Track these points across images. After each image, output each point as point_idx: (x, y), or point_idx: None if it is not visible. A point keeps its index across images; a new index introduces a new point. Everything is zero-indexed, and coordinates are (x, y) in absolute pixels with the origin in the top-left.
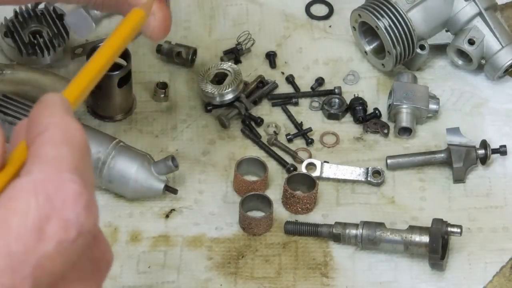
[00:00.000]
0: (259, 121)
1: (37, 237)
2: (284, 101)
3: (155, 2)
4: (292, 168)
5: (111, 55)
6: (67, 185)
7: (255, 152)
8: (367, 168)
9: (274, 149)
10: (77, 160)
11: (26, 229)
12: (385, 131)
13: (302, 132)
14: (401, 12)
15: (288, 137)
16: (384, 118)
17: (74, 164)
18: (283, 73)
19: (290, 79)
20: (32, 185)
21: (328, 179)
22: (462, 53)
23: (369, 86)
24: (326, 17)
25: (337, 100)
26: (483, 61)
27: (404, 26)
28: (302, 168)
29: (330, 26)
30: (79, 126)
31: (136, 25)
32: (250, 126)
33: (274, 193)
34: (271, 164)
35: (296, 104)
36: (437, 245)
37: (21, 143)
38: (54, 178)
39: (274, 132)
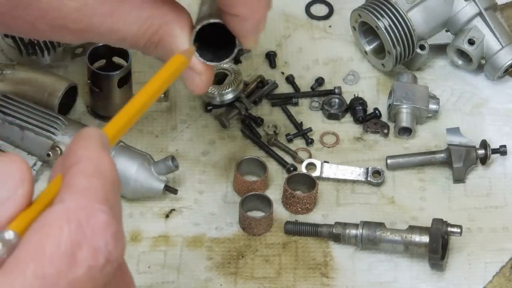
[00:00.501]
0: (259, 121)
1: (69, 261)
2: (284, 101)
3: (204, 64)
4: (292, 168)
5: (151, 96)
6: (97, 214)
7: (255, 152)
8: (367, 168)
9: (274, 149)
10: (107, 193)
11: (58, 254)
12: (385, 131)
13: (302, 132)
14: (401, 12)
15: (288, 137)
16: (384, 118)
17: (104, 196)
18: (283, 73)
19: (290, 79)
20: (65, 213)
21: (328, 179)
22: (462, 53)
23: (369, 86)
24: (326, 17)
25: (337, 100)
26: (483, 61)
27: (404, 26)
28: (302, 168)
29: (330, 26)
30: (112, 162)
31: (177, 70)
32: (250, 126)
33: (274, 193)
34: (271, 164)
35: (296, 104)
36: (437, 245)
37: (58, 176)
38: (85, 207)
39: (274, 132)
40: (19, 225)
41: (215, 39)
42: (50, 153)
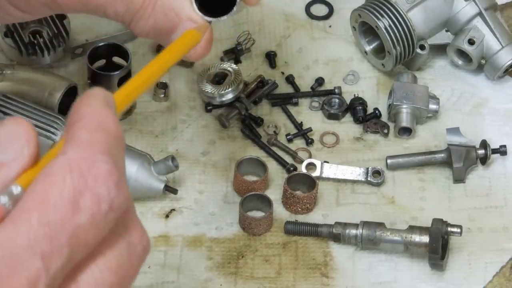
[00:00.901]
0: (259, 121)
1: (72, 209)
2: (284, 101)
3: (207, 23)
4: (292, 168)
5: (161, 66)
6: (99, 164)
7: (255, 152)
8: (367, 168)
9: (274, 149)
10: (109, 145)
11: (62, 201)
12: (385, 131)
13: (302, 132)
14: (401, 12)
15: (288, 137)
16: (384, 118)
17: (106, 148)
18: (283, 73)
19: (290, 79)
20: (67, 163)
21: (328, 179)
22: (462, 53)
23: (369, 86)
24: (326, 17)
25: (337, 100)
26: (483, 61)
27: (404, 26)
28: (302, 168)
29: (330, 26)
30: (116, 119)
31: (189, 45)
32: (250, 126)
33: (274, 193)
34: (271, 164)
35: (296, 104)
36: (437, 245)
37: (63, 137)
38: (87, 157)
39: (274, 132)
40: (24, 180)
41: (216, 5)
42: None
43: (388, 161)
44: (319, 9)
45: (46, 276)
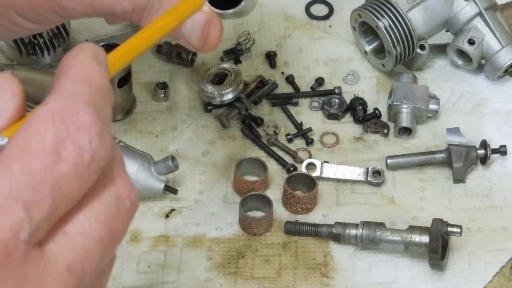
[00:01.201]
0: (259, 121)
1: (54, 158)
2: (284, 101)
3: (214, 14)
4: (292, 168)
5: (160, 28)
6: (81, 114)
7: (255, 152)
8: (367, 168)
9: (274, 149)
10: (93, 97)
11: (44, 150)
12: (385, 131)
13: (302, 132)
14: (401, 12)
15: (288, 137)
16: (384, 118)
17: (91, 99)
18: (283, 73)
19: (290, 79)
20: (49, 112)
21: (328, 179)
22: (462, 53)
23: (369, 86)
24: (326, 17)
25: (337, 100)
26: (483, 61)
27: (404, 26)
28: (302, 168)
29: (330, 26)
30: (103, 73)
31: (189, 10)
32: (250, 126)
33: (274, 193)
34: (271, 164)
35: (296, 104)
36: (437, 245)
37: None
38: (69, 107)
39: (274, 132)
40: (10, 133)
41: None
42: None
43: (388, 161)
44: (319, 9)
45: (29, 225)
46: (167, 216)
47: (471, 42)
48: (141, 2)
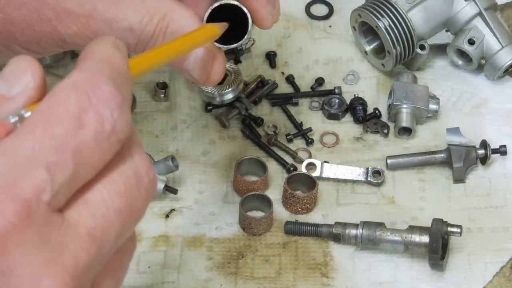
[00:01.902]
0: (259, 121)
1: (77, 124)
2: (284, 101)
3: (218, 51)
4: (292, 168)
5: (173, 49)
6: (103, 86)
7: (255, 152)
8: (367, 168)
9: (274, 149)
10: (114, 75)
11: (66, 116)
12: (385, 131)
13: (302, 132)
14: (401, 12)
15: (288, 137)
16: (384, 118)
17: (112, 76)
18: (283, 73)
19: (290, 79)
20: (72, 83)
21: (328, 179)
22: (462, 53)
23: (369, 86)
24: (326, 17)
25: (337, 100)
26: (483, 61)
27: (404, 26)
28: (302, 168)
29: (330, 26)
30: (124, 59)
31: (207, 36)
32: (250, 126)
33: (274, 193)
34: (271, 164)
35: (296, 104)
36: (437, 245)
37: None
38: (92, 79)
39: (274, 132)
40: (32, 109)
41: (227, 31)
42: None
43: (388, 161)
44: (319, 9)
45: (51, 187)
46: (167, 216)
47: (471, 42)
48: (144, 36)
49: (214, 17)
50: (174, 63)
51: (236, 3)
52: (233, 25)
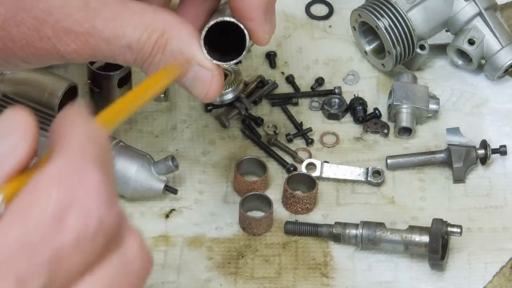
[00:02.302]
0: (259, 121)
1: (56, 227)
2: (284, 101)
3: (217, 71)
4: (292, 168)
5: (135, 99)
6: (90, 175)
7: (255, 152)
8: (367, 168)
9: (274, 149)
10: (99, 155)
11: (45, 217)
12: (385, 131)
13: (302, 132)
14: (401, 12)
15: (288, 137)
16: (384, 118)
17: (97, 158)
18: (283, 73)
19: (290, 79)
20: (56, 173)
21: (328, 179)
22: (462, 53)
23: (369, 86)
24: (326, 17)
25: (337, 100)
26: (483, 61)
27: (404, 26)
28: (302, 168)
29: (330, 26)
30: (100, 127)
31: (174, 73)
32: (250, 126)
33: (274, 193)
34: (271, 164)
35: (296, 104)
36: (437, 245)
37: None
38: (77, 167)
39: (274, 132)
40: (12, 187)
41: (224, 45)
42: None
43: (388, 161)
44: (319, 9)
45: None
46: (167, 216)
47: (471, 42)
48: (143, 54)
49: (211, 33)
50: (174, 81)
51: (233, 20)
52: (231, 40)
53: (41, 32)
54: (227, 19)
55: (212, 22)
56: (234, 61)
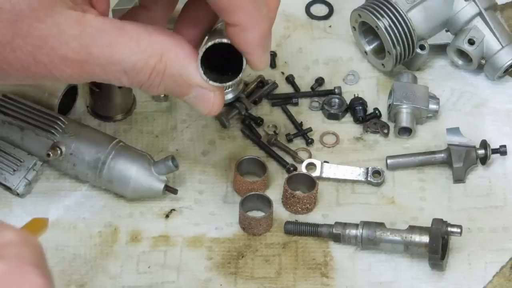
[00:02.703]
0: (259, 121)
1: None
2: (284, 101)
3: (217, 92)
4: (292, 168)
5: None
6: (30, 277)
7: (255, 152)
8: (367, 168)
9: (274, 149)
10: (37, 259)
11: None
12: (385, 131)
13: (302, 132)
14: (401, 12)
15: (288, 137)
16: (384, 118)
17: (35, 261)
18: (283, 73)
19: (290, 79)
20: None
21: (328, 179)
22: (462, 53)
23: (369, 86)
24: (326, 17)
25: (337, 100)
26: (483, 61)
27: (404, 26)
28: (302, 168)
29: (330, 26)
30: (36, 238)
31: (37, 231)
32: (250, 126)
33: (274, 193)
34: (271, 164)
35: (296, 104)
36: (437, 245)
37: None
38: (17, 270)
39: (274, 132)
40: None
41: (220, 60)
42: (50, 153)
43: (388, 161)
44: (319, 9)
45: None
46: (167, 216)
47: (471, 42)
48: (140, 78)
49: (208, 52)
50: (175, 97)
51: (230, 42)
52: (227, 57)
53: (37, 58)
54: (225, 41)
55: (209, 44)
56: (231, 82)
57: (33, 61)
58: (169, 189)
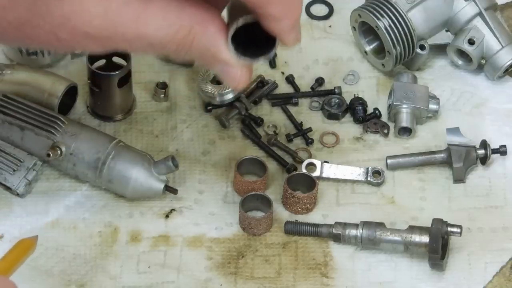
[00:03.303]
0: (259, 121)
1: None
2: (284, 101)
3: (244, 68)
4: (292, 168)
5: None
6: None
7: (255, 152)
8: (367, 168)
9: (274, 149)
10: None
11: None
12: (385, 131)
13: (302, 132)
14: (401, 12)
15: (288, 137)
16: (384, 118)
17: None
18: (283, 73)
19: (290, 79)
20: None
21: (328, 179)
22: (462, 53)
23: (369, 86)
24: (326, 17)
25: (337, 100)
26: (483, 61)
27: (404, 26)
28: (302, 168)
29: (330, 26)
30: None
31: (25, 254)
32: (250, 126)
33: (274, 193)
34: (271, 164)
35: (296, 104)
36: (437, 245)
37: None
38: None
39: (274, 132)
40: None
41: (252, 40)
42: (50, 153)
43: (388, 161)
44: (319, 9)
45: None
46: (167, 216)
47: (471, 42)
48: (165, 51)
49: (239, 32)
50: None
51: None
52: (258, 37)
53: (59, 36)
54: (255, 19)
55: (241, 22)
56: (263, 58)
57: (55, 38)
58: (169, 189)
